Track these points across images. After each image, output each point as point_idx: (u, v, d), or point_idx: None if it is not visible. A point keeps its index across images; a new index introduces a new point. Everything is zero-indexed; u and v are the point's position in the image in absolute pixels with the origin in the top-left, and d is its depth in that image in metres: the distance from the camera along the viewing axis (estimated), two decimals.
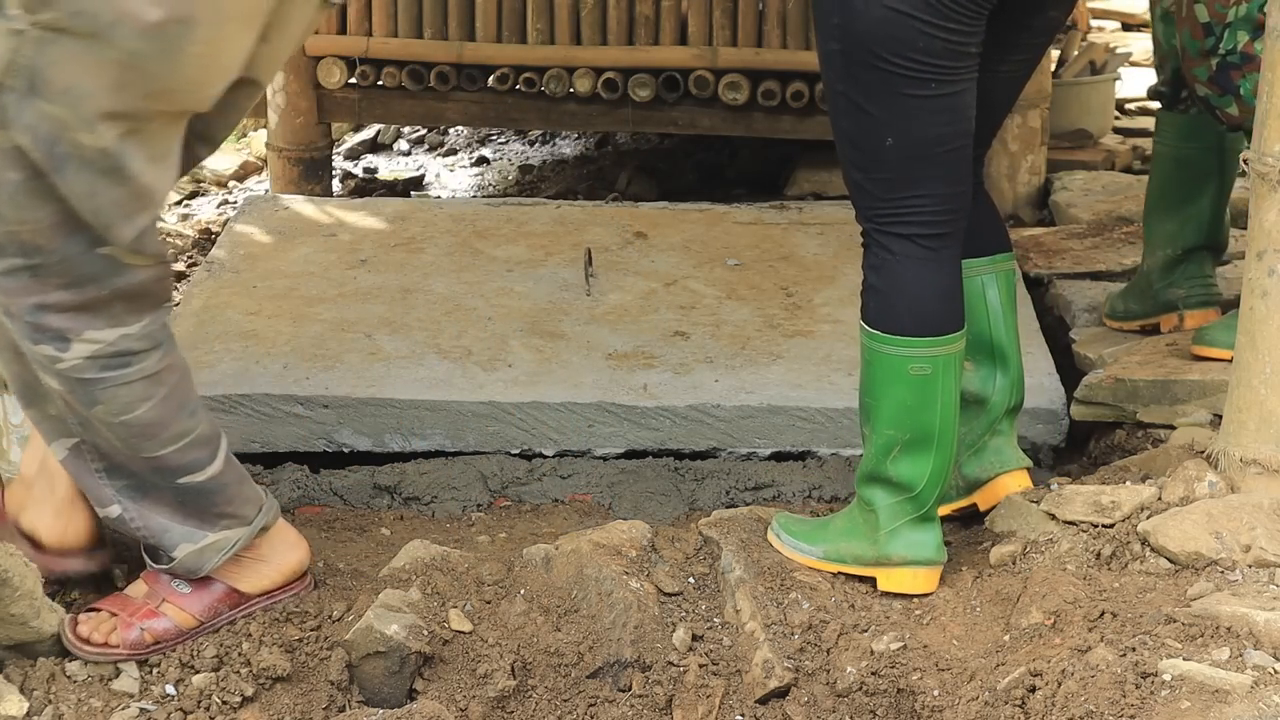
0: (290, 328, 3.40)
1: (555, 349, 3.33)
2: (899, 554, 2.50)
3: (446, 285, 3.61)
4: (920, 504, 2.49)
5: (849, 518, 2.59)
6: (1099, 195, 4.31)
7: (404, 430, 3.14)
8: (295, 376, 3.20)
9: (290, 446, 3.15)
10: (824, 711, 2.38)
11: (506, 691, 2.37)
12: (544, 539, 2.72)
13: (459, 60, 4.63)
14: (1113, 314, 3.41)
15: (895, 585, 2.51)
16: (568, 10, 4.62)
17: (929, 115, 2.36)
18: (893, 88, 2.33)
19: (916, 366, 2.43)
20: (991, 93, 2.50)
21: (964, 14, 2.31)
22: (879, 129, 2.37)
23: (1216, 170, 3.23)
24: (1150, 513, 2.50)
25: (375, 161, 6.12)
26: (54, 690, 2.23)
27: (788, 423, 3.15)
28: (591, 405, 3.14)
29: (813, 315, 3.49)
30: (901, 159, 2.38)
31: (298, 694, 2.31)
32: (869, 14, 2.29)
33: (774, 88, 4.58)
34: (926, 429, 2.45)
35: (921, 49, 2.30)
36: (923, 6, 2.28)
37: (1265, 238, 2.42)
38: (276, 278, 3.66)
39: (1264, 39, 2.41)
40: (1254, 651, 2.09)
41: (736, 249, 3.84)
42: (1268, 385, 2.43)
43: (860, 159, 2.42)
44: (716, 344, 3.36)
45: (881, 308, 2.45)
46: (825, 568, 2.56)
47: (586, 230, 3.92)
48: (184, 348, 3.19)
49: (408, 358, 3.28)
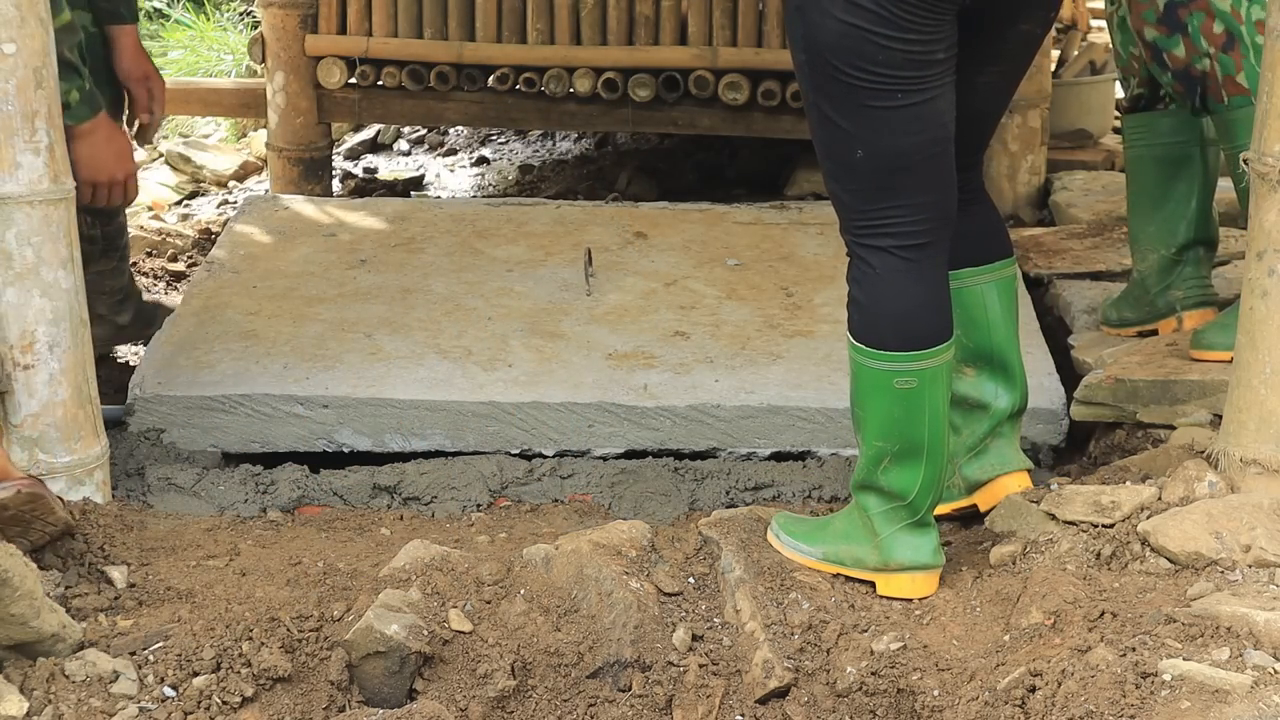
0: (290, 328, 3.40)
1: (555, 349, 3.33)
2: (898, 559, 2.49)
3: (446, 285, 3.62)
4: (914, 510, 2.48)
5: (848, 519, 2.58)
6: (1099, 195, 4.31)
7: (404, 430, 3.15)
8: (295, 376, 3.20)
9: (290, 446, 3.16)
10: (824, 712, 2.38)
11: (506, 691, 2.37)
12: (544, 539, 2.72)
13: (459, 60, 4.63)
14: (1108, 322, 3.41)
15: (895, 590, 2.51)
16: (568, 10, 4.62)
17: (897, 125, 2.32)
18: (857, 100, 2.30)
19: (901, 380, 2.40)
20: (971, 104, 2.46)
21: (919, 23, 2.26)
22: (849, 140, 2.34)
23: (1200, 164, 3.23)
24: (1150, 513, 2.50)
25: (375, 161, 6.12)
26: (54, 690, 2.23)
27: (788, 423, 3.15)
28: (592, 405, 3.14)
29: (813, 315, 3.49)
30: (873, 170, 2.35)
31: (298, 694, 2.31)
32: (825, 27, 2.26)
33: (774, 88, 4.58)
34: (915, 440, 2.43)
35: (881, 61, 2.26)
36: (873, 19, 2.23)
37: (1265, 238, 2.42)
38: (277, 278, 3.66)
39: (1264, 40, 2.42)
40: (1254, 651, 2.09)
41: (736, 249, 3.84)
42: (1268, 385, 2.43)
43: (835, 170, 2.39)
44: (716, 344, 3.36)
45: (864, 322, 2.42)
46: (824, 569, 2.56)
47: (586, 230, 3.92)
48: (184, 348, 3.22)
49: (407, 358, 3.28)
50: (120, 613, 2.44)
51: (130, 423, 3.16)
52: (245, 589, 2.52)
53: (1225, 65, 2.97)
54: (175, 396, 3.16)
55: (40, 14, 2.56)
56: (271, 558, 2.66)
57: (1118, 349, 3.24)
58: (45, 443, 2.68)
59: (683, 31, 4.64)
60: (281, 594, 2.50)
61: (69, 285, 2.66)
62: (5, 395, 2.66)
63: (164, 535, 2.75)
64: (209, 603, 2.46)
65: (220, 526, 2.82)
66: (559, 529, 2.83)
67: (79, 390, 2.70)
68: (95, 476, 2.76)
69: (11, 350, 2.63)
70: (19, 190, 2.58)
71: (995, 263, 2.64)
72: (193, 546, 2.71)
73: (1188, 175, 3.24)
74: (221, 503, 2.96)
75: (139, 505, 2.90)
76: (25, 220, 2.59)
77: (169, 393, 3.17)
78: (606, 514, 2.99)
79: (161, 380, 3.20)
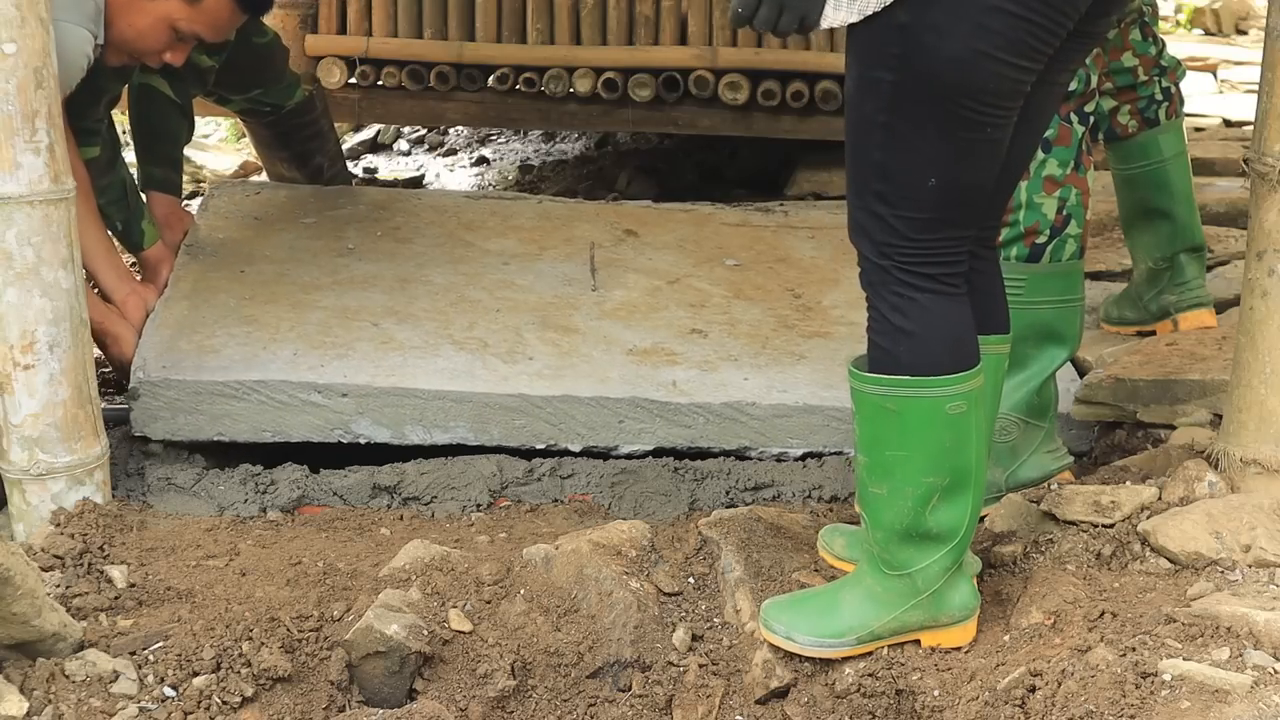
0: (291, 314, 3.31)
1: (572, 343, 3.27)
2: (946, 614, 2.37)
3: (444, 276, 3.55)
4: (958, 553, 2.35)
5: (860, 586, 2.41)
6: (1099, 195, 4.28)
7: (426, 422, 3.05)
8: (309, 364, 3.09)
9: (304, 437, 3.06)
10: (823, 712, 2.38)
11: (506, 691, 2.37)
12: (544, 539, 2.72)
13: (459, 60, 4.63)
14: (1108, 319, 3.49)
15: (943, 641, 2.39)
16: (568, 10, 4.62)
17: (979, 159, 2.21)
18: (950, 128, 2.16)
19: (954, 405, 2.26)
20: (1044, 106, 2.33)
21: (1043, 49, 2.15)
22: (923, 168, 2.18)
23: (1171, 180, 3.33)
24: (1150, 513, 2.50)
25: (375, 161, 6.12)
26: (54, 690, 2.23)
27: (822, 423, 3.08)
28: (624, 400, 3.06)
29: (825, 317, 3.46)
30: (940, 201, 2.21)
31: (298, 694, 2.31)
32: (942, 52, 2.10)
33: (774, 88, 4.58)
34: (964, 468, 2.30)
35: (992, 90, 2.13)
36: (1003, 45, 2.10)
37: (1265, 238, 2.42)
38: (263, 263, 3.56)
39: (1264, 40, 2.42)
40: (1254, 651, 2.09)
41: (731, 249, 3.82)
42: (1268, 385, 2.44)
43: (892, 194, 2.21)
44: (736, 343, 3.31)
45: (917, 350, 2.25)
46: (864, 651, 2.39)
47: (574, 226, 3.87)
48: (184, 330, 3.17)
49: (421, 348, 3.19)
50: (120, 613, 2.44)
51: (134, 408, 3.02)
52: (245, 589, 2.52)
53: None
54: (183, 381, 3.02)
55: (40, 14, 2.55)
56: (271, 558, 2.66)
57: (1118, 348, 3.25)
58: (45, 443, 2.68)
59: (683, 31, 4.65)
60: (281, 594, 2.50)
61: (69, 285, 2.66)
62: (4, 394, 2.66)
63: (164, 535, 2.75)
64: (209, 603, 2.47)
65: (220, 526, 2.82)
66: (559, 529, 2.83)
67: (79, 390, 2.70)
68: (95, 476, 2.76)
69: (12, 350, 2.63)
70: (19, 190, 2.58)
71: (991, 336, 2.40)
72: (193, 546, 2.71)
73: (1159, 194, 3.34)
74: (221, 503, 2.96)
75: (139, 505, 2.89)
76: (25, 220, 2.59)
77: (177, 376, 3.02)
78: (606, 514, 2.99)
79: (166, 364, 3.06)
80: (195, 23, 3.10)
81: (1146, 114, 3.30)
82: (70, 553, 2.56)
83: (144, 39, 3.09)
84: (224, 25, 3.16)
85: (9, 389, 2.65)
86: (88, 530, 2.65)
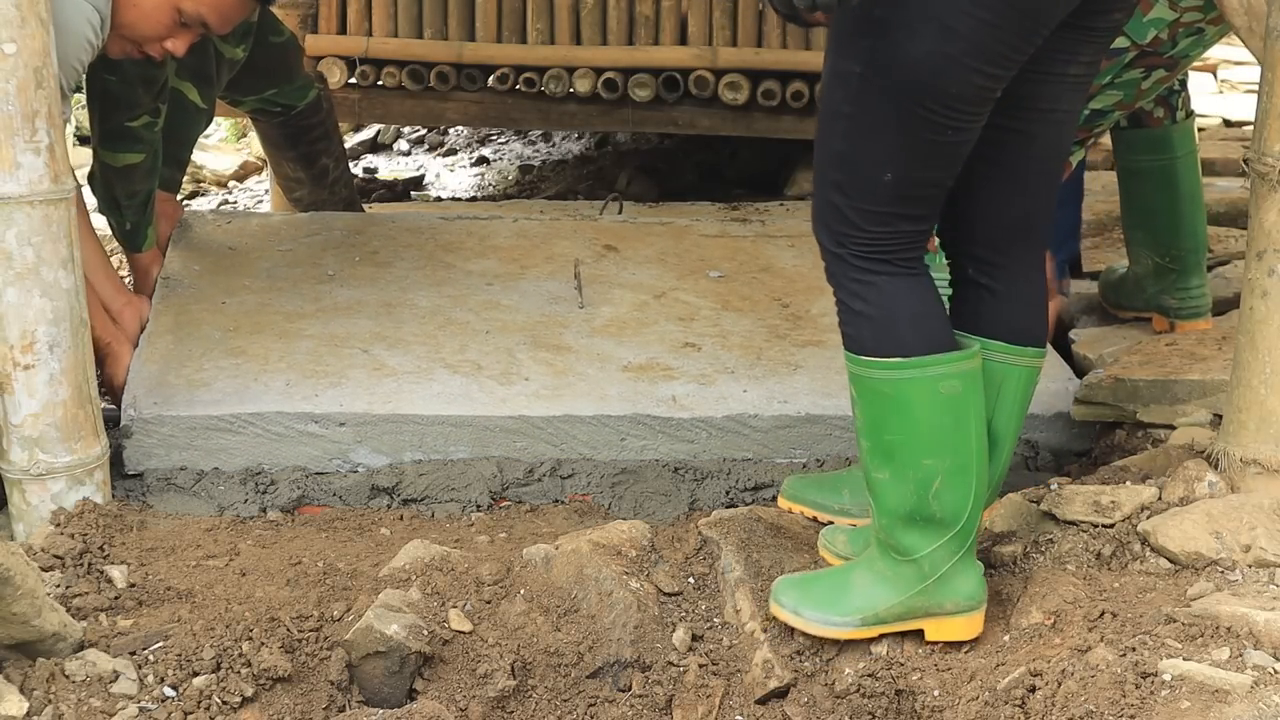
0: (279, 344, 3.24)
1: (566, 362, 3.23)
2: (951, 601, 2.36)
3: (429, 299, 3.49)
4: (964, 538, 2.35)
5: (870, 570, 2.41)
6: (1099, 195, 4.31)
7: (425, 447, 3.01)
8: (303, 394, 3.04)
9: (302, 468, 3.02)
10: (823, 712, 2.38)
11: (506, 691, 2.38)
12: (544, 539, 2.72)
13: (459, 60, 4.63)
14: (1106, 300, 3.52)
15: (947, 634, 2.38)
16: (568, 10, 4.62)
17: (936, 160, 2.22)
18: (910, 127, 2.17)
19: (947, 385, 2.27)
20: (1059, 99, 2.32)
21: (1013, 56, 2.15)
22: (880, 164, 2.21)
23: (1180, 177, 3.30)
24: (1150, 513, 2.50)
25: (375, 161, 6.13)
26: (54, 690, 2.23)
27: (825, 432, 3.06)
28: (626, 418, 3.04)
29: (816, 326, 3.44)
30: (894, 196, 2.24)
31: (298, 694, 2.31)
32: (911, 50, 2.11)
33: (774, 88, 4.58)
34: (965, 450, 2.31)
35: (955, 94, 2.14)
36: (972, 51, 2.11)
37: (1265, 238, 2.42)
38: (243, 293, 3.48)
39: (1265, 40, 2.41)
40: (1254, 651, 2.09)
41: (713, 261, 3.77)
42: (1268, 385, 2.43)
43: (849, 185, 2.25)
44: (730, 355, 3.29)
45: (879, 331, 2.28)
46: (867, 634, 2.40)
47: (552, 244, 3.82)
48: (172, 365, 3.11)
49: (415, 373, 3.15)
50: (120, 613, 2.44)
51: (126, 446, 2.95)
52: (245, 589, 2.52)
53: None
54: (176, 416, 2.96)
55: (41, 14, 2.56)
56: (271, 558, 2.66)
57: (1118, 348, 3.25)
58: (45, 443, 2.68)
59: (683, 31, 4.65)
60: (281, 594, 2.50)
61: (69, 285, 2.66)
62: (4, 394, 2.66)
63: (164, 535, 2.75)
64: (209, 603, 2.47)
65: (220, 526, 2.82)
66: (559, 529, 2.83)
67: (79, 390, 2.70)
68: (95, 476, 2.76)
69: (12, 350, 2.64)
70: (19, 190, 2.58)
71: (1026, 346, 2.44)
72: (193, 546, 2.71)
73: (1169, 188, 3.31)
74: (221, 503, 2.96)
75: (139, 505, 2.89)
76: (26, 220, 2.59)
77: (169, 412, 2.96)
78: (606, 514, 2.99)
79: (157, 400, 3.00)
80: (201, 4, 3.00)
81: (1171, 102, 3.28)
82: (70, 553, 2.56)
83: (147, 21, 2.99)
84: (230, 12, 3.07)
85: (9, 389, 2.65)
86: (88, 530, 2.65)
